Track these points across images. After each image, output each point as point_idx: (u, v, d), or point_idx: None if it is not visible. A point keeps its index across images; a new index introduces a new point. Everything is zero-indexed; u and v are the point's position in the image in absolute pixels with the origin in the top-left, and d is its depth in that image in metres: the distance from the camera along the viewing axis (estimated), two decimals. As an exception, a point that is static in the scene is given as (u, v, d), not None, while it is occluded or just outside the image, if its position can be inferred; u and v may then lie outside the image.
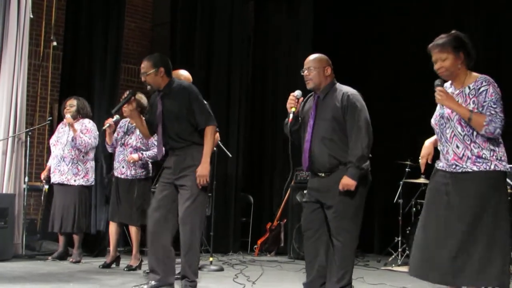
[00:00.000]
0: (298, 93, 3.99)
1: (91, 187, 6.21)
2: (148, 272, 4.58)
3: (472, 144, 3.19)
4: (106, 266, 5.61)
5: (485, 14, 7.23)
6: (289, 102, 3.96)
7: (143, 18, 9.48)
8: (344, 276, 3.79)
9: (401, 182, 6.63)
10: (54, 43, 7.67)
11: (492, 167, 3.16)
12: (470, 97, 3.21)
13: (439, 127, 3.31)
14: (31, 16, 6.53)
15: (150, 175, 5.65)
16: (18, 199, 6.17)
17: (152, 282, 4.12)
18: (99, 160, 6.62)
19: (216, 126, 4.28)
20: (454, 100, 3.22)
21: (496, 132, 3.14)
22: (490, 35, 7.07)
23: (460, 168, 3.21)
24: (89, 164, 6.04)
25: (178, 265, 4.21)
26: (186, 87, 4.25)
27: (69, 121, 5.91)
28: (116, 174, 5.63)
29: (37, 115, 8.05)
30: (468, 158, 3.19)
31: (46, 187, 6.49)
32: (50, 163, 6.14)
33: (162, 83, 4.22)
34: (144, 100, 5.40)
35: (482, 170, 3.16)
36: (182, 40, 7.86)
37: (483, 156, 3.17)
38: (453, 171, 3.23)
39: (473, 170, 3.17)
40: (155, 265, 4.15)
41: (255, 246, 7.64)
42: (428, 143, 3.52)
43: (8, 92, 6.19)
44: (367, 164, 3.83)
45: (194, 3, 7.91)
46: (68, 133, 6.01)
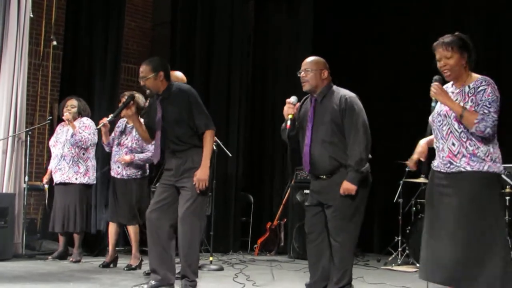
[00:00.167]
0: (294, 99, 3.98)
1: (92, 186, 6.20)
2: (148, 272, 4.59)
3: (468, 142, 3.20)
4: (106, 265, 5.61)
5: (485, 14, 7.24)
6: (286, 110, 3.94)
7: (143, 17, 9.47)
8: (344, 276, 3.81)
9: (401, 182, 6.63)
10: (54, 43, 7.66)
11: (486, 168, 3.17)
12: (469, 95, 3.23)
13: (436, 124, 3.33)
14: (31, 15, 6.53)
15: (146, 175, 5.64)
16: (18, 199, 6.17)
17: (152, 282, 4.12)
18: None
19: (215, 130, 4.27)
20: (448, 96, 3.25)
21: (486, 131, 3.13)
22: (490, 35, 7.07)
23: (454, 167, 3.22)
24: (89, 162, 6.03)
25: (178, 264, 4.21)
26: (185, 90, 4.24)
27: (67, 117, 5.91)
28: (112, 174, 5.62)
29: (37, 115, 8.04)
30: (463, 156, 3.20)
31: (46, 186, 6.49)
32: (51, 165, 6.14)
33: (161, 87, 4.20)
34: (141, 100, 5.40)
35: (476, 170, 3.17)
36: (182, 40, 7.86)
37: (478, 155, 3.18)
38: (447, 171, 3.25)
39: (466, 170, 3.18)
40: (156, 265, 4.14)
41: (255, 246, 7.64)
42: (422, 143, 3.52)
43: (8, 92, 6.19)
44: (367, 167, 3.84)
45: (194, 3, 7.91)
46: (67, 132, 6.01)
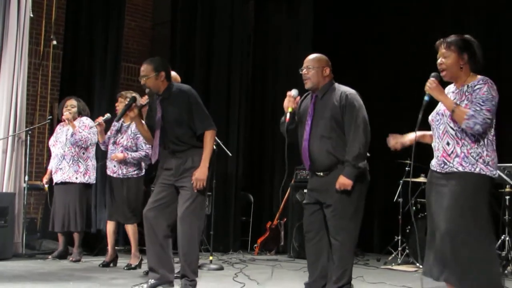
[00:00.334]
0: (294, 92, 3.99)
1: (92, 185, 6.20)
2: (147, 272, 4.59)
3: (462, 141, 3.21)
4: (106, 265, 5.62)
5: (485, 14, 7.23)
6: (286, 102, 3.95)
7: (143, 17, 9.49)
8: (343, 275, 3.80)
9: (401, 181, 6.63)
10: (54, 42, 7.67)
11: (477, 170, 3.18)
12: (466, 94, 3.25)
13: (434, 123, 3.36)
14: (31, 15, 6.54)
15: (142, 174, 5.63)
16: (18, 198, 6.18)
17: (152, 281, 4.12)
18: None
19: (216, 130, 4.26)
20: (442, 92, 3.27)
21: (476, 128, 3.13)
22: (490, 35, 7.07)
23: (447, 167, 3.24)
24: (89, 162, 6.04)
25: (178, 264, 4.21)
26: (185, 90, 4.24)
27: (67, 116, 5.91)
28: (108, 172, 5.62)
29: (37, 114, 8.05)
30: (456, 156, 3.22)
31: (46, 186, 6.50)
32: (51, 165, 6.14)
33: (161, 87, 4.21)
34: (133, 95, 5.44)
35: (467, 172, 3.18)
36: (182, 40, 7.87)
37: (471, 156, 3.19)
38: (442, 171, 3.27)
39: (458, 170, 3.20)
40: (155, 264, 4.15)
41: (255, 245, 7.64)
42: (418, 133, 3.46)
43: (8, 91, 6.20)
44: (364, 163, 3.83)
45: (194, 3, 7.92)
46: (67, 131, 6.01)
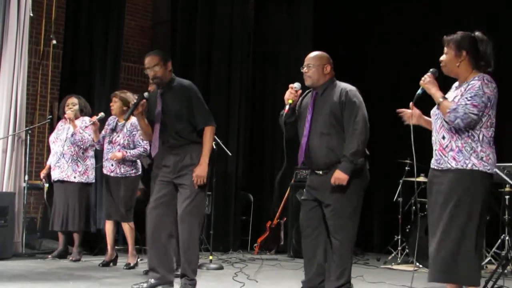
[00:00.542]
0: (297, 85, 3.99)
1: (91, 184, 6.20)
2: (146, 271, 4.59)
3: (456, 135, 3.23)
4: (106, 264, 5.61)
5: (485, 14, 7.23)
6: (288, 94, 3.96)
7: (143, 16, 9.48)
8: (343, 274, 3.80)
9: (400, 181, 6.64)
10: (54, 42, 7.66)
11: (469, 165, 3.18)
12: (462, 90, 3.26)
13: (433, 117, 3.39)
14: (31, 14, 6.53)
15: (139, 173, 5.63)
16: (18, 198, 6.17)
17: (152, 281, 4.12)
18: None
19: (215, 126, 4.27)
20: (434, 85, 3.31)
21: (456, 122, 3.14)
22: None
23: (443, 163, 3.26)
24: (89, 161, 6.04)
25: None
26: (186, 86, 4.24)
27: (69, 116, 5.91)
28: (105, 172, 5.61)
29: (37, 114, 8.05)
30: (450, 150, 3.23)
31: (46, 185, 6.49)
32: (50, 161, 6.14)
33: (168, 77, 4.22)
34: (128, 95, 5.46)
35: (459, 168, 3.19)
36: (182, 40, 7.86)
37: (465, 149, 3.19)
38: (439, 168, 3.29)
39: (452, 166, 3.21)
40: (155, 263, 4.14)
41: (255, 245, 7.64)
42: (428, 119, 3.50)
43: (8, 91, 6.19)
44: (362, 160, 3.82)
45: (194, 3, 7.91)
46: (68, 130, 6.00)
